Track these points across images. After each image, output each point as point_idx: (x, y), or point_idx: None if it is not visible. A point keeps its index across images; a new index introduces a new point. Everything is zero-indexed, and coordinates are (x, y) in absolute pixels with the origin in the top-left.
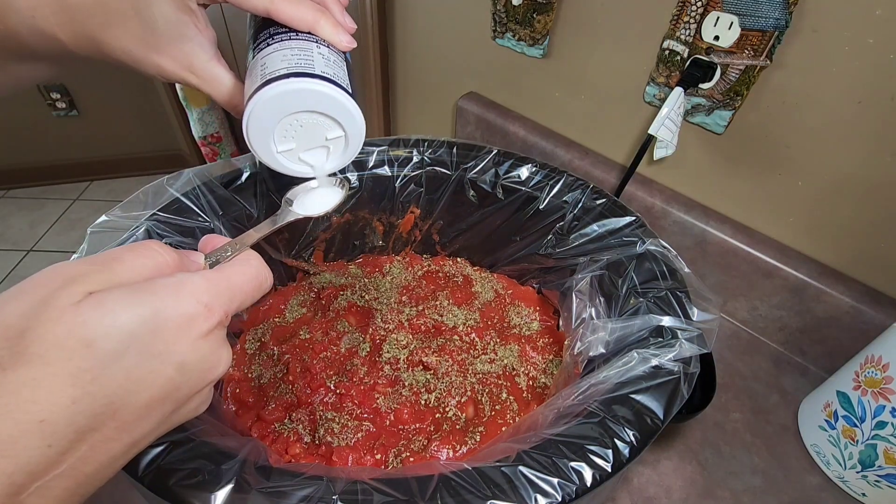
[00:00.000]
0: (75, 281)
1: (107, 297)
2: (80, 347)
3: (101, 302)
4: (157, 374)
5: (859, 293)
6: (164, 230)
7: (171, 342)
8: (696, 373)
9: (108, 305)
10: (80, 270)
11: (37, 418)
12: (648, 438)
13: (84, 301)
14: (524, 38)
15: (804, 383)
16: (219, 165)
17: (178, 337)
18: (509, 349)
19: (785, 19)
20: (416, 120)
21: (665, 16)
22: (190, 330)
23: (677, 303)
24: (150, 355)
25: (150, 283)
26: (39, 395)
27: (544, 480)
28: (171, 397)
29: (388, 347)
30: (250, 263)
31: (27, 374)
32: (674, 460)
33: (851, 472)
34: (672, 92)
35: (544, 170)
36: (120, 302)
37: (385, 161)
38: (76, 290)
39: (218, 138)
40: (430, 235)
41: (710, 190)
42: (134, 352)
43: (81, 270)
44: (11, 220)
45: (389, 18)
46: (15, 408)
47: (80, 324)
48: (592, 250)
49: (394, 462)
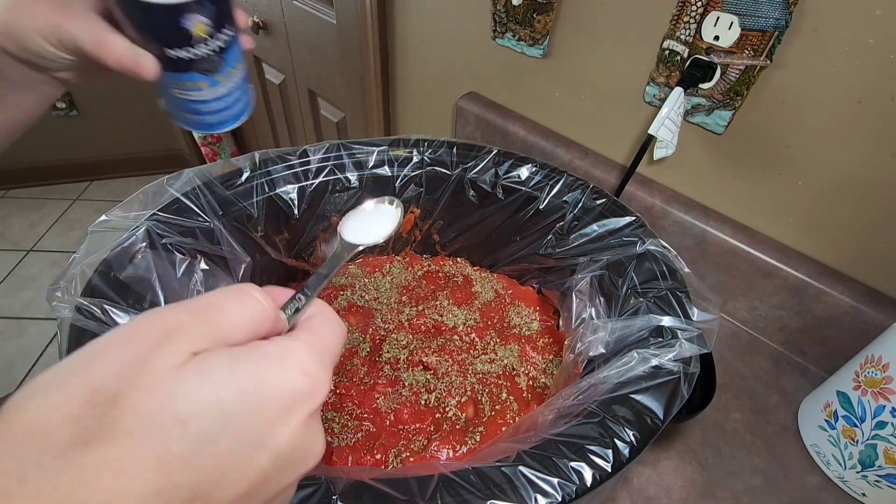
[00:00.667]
0: (174, 336)
1: (209, 362)
2: (173, 425)
3: (202, 370)
4: (249, 465)
5: (859, 293)
6: (164, 230)
7: (271, 425)
8: (696, 373)
9: (208, 376)
10: (177, 322)
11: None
12: (648, 438)
13: (186, 366)
14: (524, 38)
15: (804, 383)
16: (219, 165)
17: (280, 419)
18: (509, 349)
19: (785, 19)
20: (416, 120)
21: (665, 16)
22: (293, 410)
23: (677, 303)
24: (245, 441)
25: (253, 349)
26: (121, 483)
27: (544, 480)
28: (256, 495)
29: (388, 347)
30: (331, 317)
31: (111, 453)
32: (674, 460)
33: (851, 472)
34: (672, 92)
35: (544, 170)
36: (220, 374)
37: (385, 161)
38: (176, 349)
39: (218, 138)
40: (430, 235)
41: (710, 190)
42: (229, 435)
43: (180, 322)
44: (11, 220)
45: (389, 18)
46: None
47: (179, 395)
48: (592, 250)
49: (394, 462)
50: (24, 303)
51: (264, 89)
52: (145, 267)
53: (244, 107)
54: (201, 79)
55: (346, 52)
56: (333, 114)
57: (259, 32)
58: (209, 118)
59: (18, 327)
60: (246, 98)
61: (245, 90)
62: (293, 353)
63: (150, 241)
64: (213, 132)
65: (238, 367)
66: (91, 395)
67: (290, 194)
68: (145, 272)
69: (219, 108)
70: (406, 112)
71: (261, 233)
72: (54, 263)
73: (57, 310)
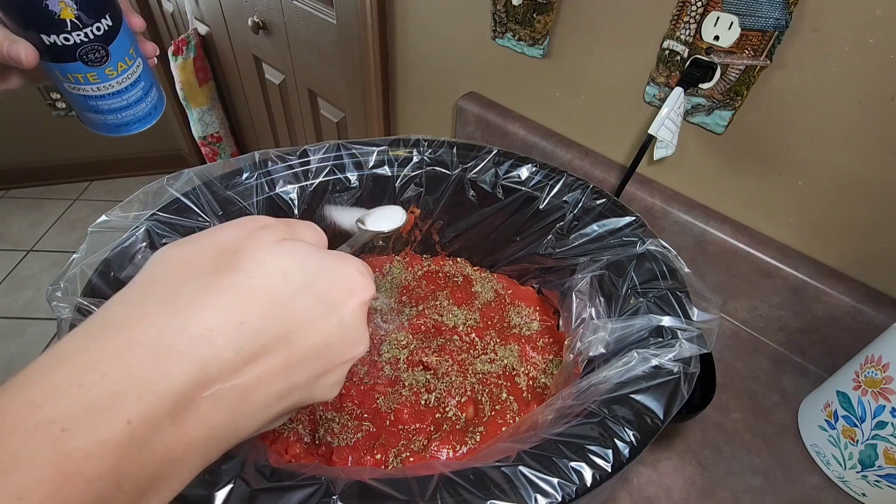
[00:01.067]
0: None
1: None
2: (278, 273)
3: (294, 246)
4: (324, 322)
5: (859, 293)
6: (164, 230)
7: (339, 298)
8: (696, 373)
9: (299, 249)
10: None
11: (238, 319)
12: (648, 438)
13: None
14: (524, 38)
15: (804, 383)
16: (219, 165)
17: (345, 296)
18: (509, 349)
19: (785, 19)
20: (416, 120)
21: (665, 16)
22: (353, 294)
23: (677, 303)
24: (322, 302)
25: (324, 249)
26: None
27: (544, 480)
28: (324, 354)
29: (387, 347)
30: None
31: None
32: (674, 460)
33: (851, 472)
34: (672, 92)
35: (544, 170)
36: (307, 251)
37: (385, 161)
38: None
39: (218, 138)
40: (430, 235)
41: (710, 190)
42: (313, 294)
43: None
44: (11, 220)
45: (389, 18)
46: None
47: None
48: (592, 250)
49: (394, 462)
50: (24, 303)
51: (264, 89)
52: None
53: (151, 109)
54: (87, 70)
55: (346, 52)
56: (333, 114)
57: (259, 32)
58: (110, 118)
59: (18, 327)
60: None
61: (148, 91)
62: (351, 260)
63: (150, 241)
64: (119, 135)
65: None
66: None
67: (290, 194)
68: None
69: (117, 106)
70: (406, 112)
71: None
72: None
73: (57, 310)
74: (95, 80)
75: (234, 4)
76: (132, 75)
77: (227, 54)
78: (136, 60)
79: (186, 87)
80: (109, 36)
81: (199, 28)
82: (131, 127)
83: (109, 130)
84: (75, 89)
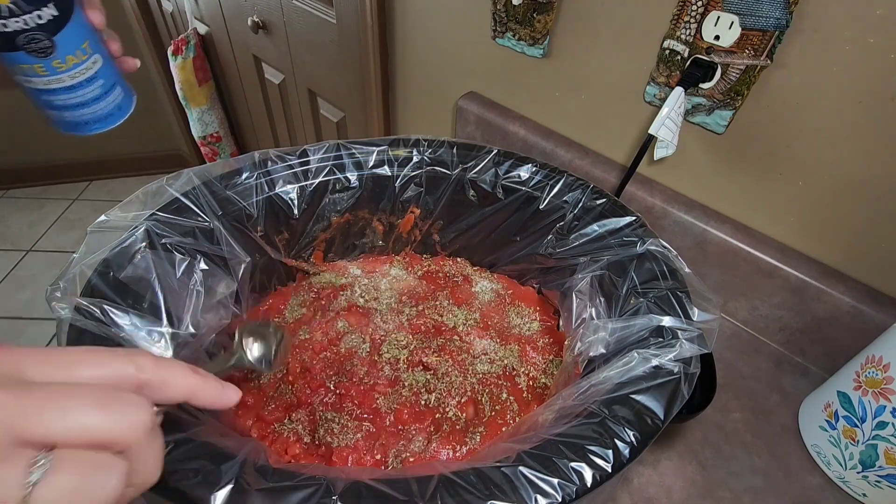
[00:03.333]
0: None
1: None
2: None
3: None
4: None
5: (859, 293)
6: (164, 230)
7: None
8: (697, 373)
9: None
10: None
11: None
12: (649, 439)
13: None
14: (524, 37)
15: (804, 383)
16: (219, 165)
17: None
18: (509, 349)
19: (786, 19)
20: (416, 120)
21: (665, 15)
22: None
23: (677, 303)
24: None
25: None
26: None
27: (544, 481)
28: None
29: (387, 348)
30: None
31: None
32: (674, 460)
33: (852, 472)
34: (672, 92)
35: (544, 170)
36: None
37: (385, 161)
38: None
39: (217, 138)
40: (430, 235)
41: (711, 190)
42: None
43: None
44: (11, 220)
45: (389, 18)
46: None
47: None
48: (592, 250)
49: (394, 462)
50: (24, 303)
51: (264, 89)
52: (145, 267)
53: (114, 109)
54: (33, 61)
55: (346, 52)
56: (333, 114)
57: (259, 32)
58: (67, 115)
59: (17, 327)
60: (113, 99)
61: (110, 90)
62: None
63: (150, 240)
64: (81, 133)
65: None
66: None
67: (289, 194)
68: (145, 272)
69: (73, 103)
70: (406, 112)
71: (260, 233)
72: (53, 263)
73: (56, 310)
74: (43, 72)
75: (233, 4)
76: (87, 71)
77: (227, 54)
78: (93, 56)
79: (186, 86)
80: (55, 26)
81: (198, 28)
82: (91, 126)
83: (69, 128)
84: (26, 82)
